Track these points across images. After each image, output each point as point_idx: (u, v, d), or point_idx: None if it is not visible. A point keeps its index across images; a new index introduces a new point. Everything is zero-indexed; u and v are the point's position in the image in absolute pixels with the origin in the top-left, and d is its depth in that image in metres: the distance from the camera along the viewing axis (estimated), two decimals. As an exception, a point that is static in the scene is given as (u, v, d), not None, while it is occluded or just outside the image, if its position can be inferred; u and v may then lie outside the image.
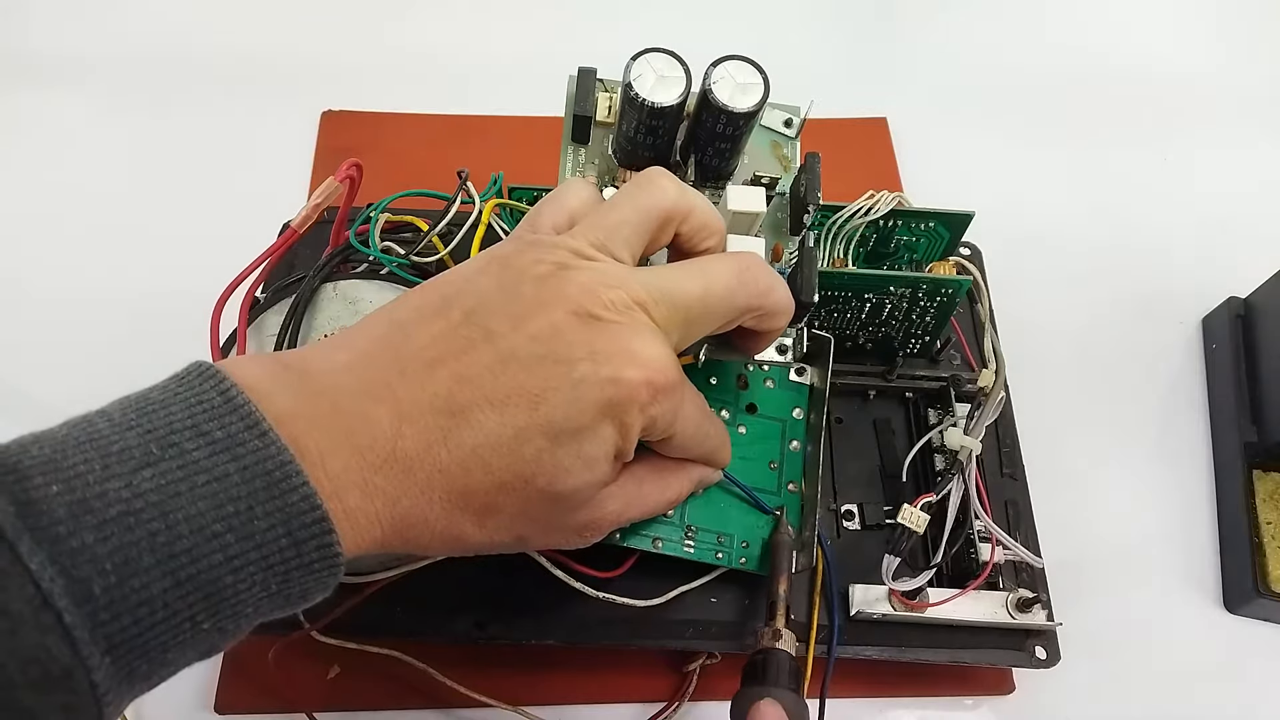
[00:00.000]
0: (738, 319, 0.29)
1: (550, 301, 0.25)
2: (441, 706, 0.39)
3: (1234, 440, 0.47)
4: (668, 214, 0.28)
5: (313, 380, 0.24)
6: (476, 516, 0.25)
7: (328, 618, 0.35)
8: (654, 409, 0.26)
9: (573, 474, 0.25)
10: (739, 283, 0.28)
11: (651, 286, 0.26)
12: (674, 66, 0.33)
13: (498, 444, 0.24)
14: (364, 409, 0.23)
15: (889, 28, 0.67)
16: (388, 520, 0.23)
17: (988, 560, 0.37)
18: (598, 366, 0.25)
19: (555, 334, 0.25)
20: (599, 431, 0.25)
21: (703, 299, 0.27)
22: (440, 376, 0.24)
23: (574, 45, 0.60)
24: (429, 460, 0.24)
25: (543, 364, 0.24)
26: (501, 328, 0.25)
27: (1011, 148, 0.60)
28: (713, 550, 0.36)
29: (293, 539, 0.21)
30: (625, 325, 0.25)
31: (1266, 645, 0.44)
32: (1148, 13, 0.68)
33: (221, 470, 0.20)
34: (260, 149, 0.57)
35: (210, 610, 0.20)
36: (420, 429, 0.23)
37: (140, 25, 0.62)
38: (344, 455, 0.22)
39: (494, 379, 0.24)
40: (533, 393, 0.24)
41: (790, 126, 0.38)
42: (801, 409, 0.39)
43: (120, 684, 0.20)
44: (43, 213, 0.54)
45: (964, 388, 0.42)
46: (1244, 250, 0.55)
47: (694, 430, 0.29)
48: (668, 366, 0.26)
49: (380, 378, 0.24)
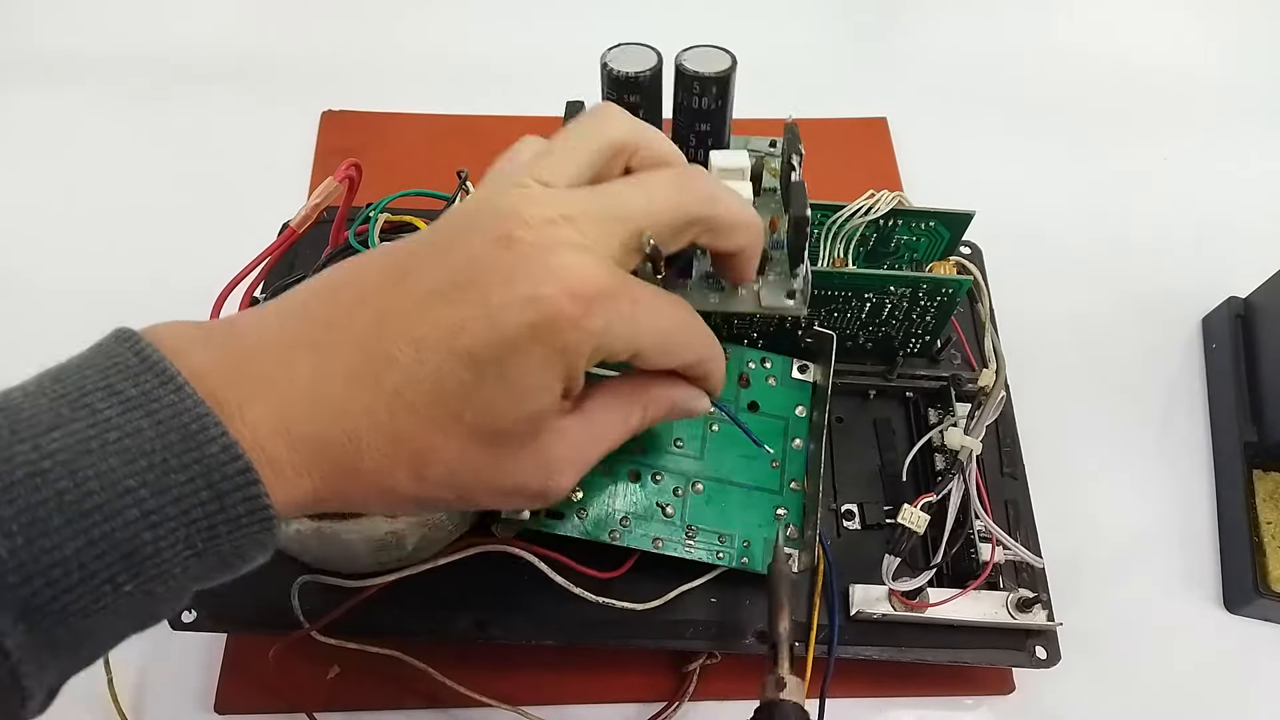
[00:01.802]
0: (688, 232, 0.27)
1: (471, 231, 0.24)
2: (441, 706, 0.39)
3: (1234, 440, 0.47)
4: (616, 145, 0.27)
5: (237, 337, 0.23)
6: (410, 465, 0.24)
7: (328, 618, 0.35)
8: (590, 322, 0.23)
9: (503, 407, 0.24)
10: (678, 190, 0.26)
11: (581, 201, 0.25)
12: (645, 52, 0.34)
13: (419, 381, 0.23)
14: (285, 358, 0.23)
15: (889, 28, 0.67)
16: (317, 470, 0.22)
17: (988, 560, 0.37)
18: (513, 288, 0.23)
19: (472, 263, 0.23)
20: (527, 358, 0.23)
21: (645, 208, 0.25)
22: (361, 320, 0.23)
23: (574, 46, 0.60)
24: (353, 404, 0.23)
25: (459, 295, 0.23)
26: (422, 266, 0.24)
27: (1012, 147, 0.60)
28: (714, 550, 0.36)
29: (214, 491, 0.20)
30: (543, 242, 0.23)
31: (1266, 645, 0.44)
32: (1148, 12, 0.68)
33: (134, 426, 0.20)
34: (260, 149, 0.57)
35: (131, 571, 0.20)
36: (342, 374, 0.23)
37: (140, 25, 0.62)
38: (264, 404, 0.22)
39: (413, 316, 0.23)
40: (450, 325, 0.23)
41: (775, 146, 0.38)
42: (804, 407, 0.39)
43: (40, 653, 0.19)
44: (42, 212, 0.54)
45: (964, 387, 0.42)
46: (1244, 250, 0.55)
47: (665, 339, 0.26)
48: (595, 274, 0.24)
49: (304, 328, 0.23)
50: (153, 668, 0.40)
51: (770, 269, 0.36)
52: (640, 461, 0.36)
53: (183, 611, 0.36)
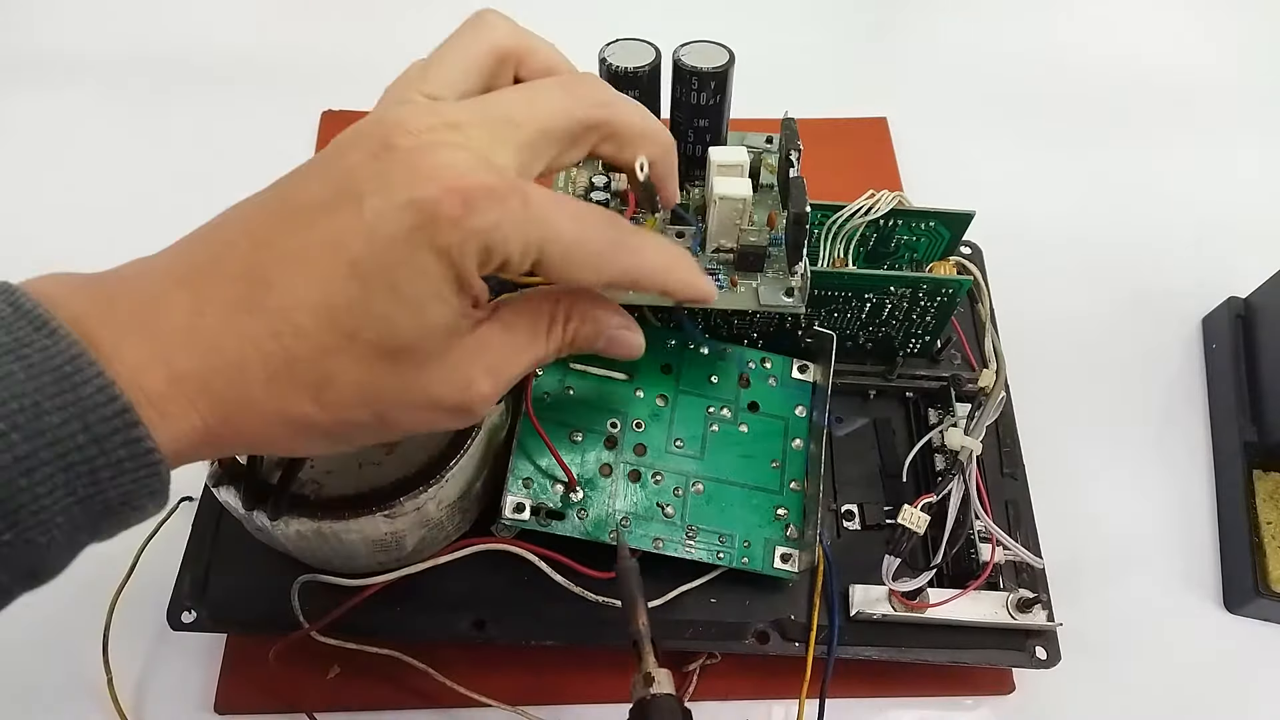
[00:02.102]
0: (585, 139, 0.26)
1: (352, 147, 0.23)
2: (441, 706, 0.39)
3: (1234, 440, 0.47)
4: (499, 52, 0.26)
5: (119, 282, 0.22)
6: (311, 391, 0.22)
7: (328, 618, 0.35)
8: (475, 220, 0.22)
9: (399, 320, 0.22)
10: (567, 94, 0.25)
11: (466, 109, 0.24)
12: (643, 47, 0.34)
13: (305, 301, 0.22)
14: (161, 296, 0.22)
15: (889, 28, 0.67)
16: (204, 406, 0.21)
17: (988, 560, 0.37)
18: (390, 192, 0.22)
19: (348, 174, 0.23)
20: (416, 265, 0.22)
21: (530, 112, 0.24)
22: (239, 249, 0.22)
23: (573, 46, 0.60)
24: (235, 332, 0.22)
25: (335, 207, 0.22)
26: (301, 186, 0.23)
27: (1012, 147, 0.60)
28: (714, 550, 0.36)
29: (91, 434, 0.20)
30: (422, 146, 0.22)
31: (1266, 645, 0.44)
32: (1148, 13, 0.68)
33: (4, 371, 0.19)
34: (260, 149, 0.57)
35: (8, 520, 0.19)
36: (220, 303, 0.22)
37: (140, 25, 0.62)
38: (141, 341, 0.21)
39: (291, 235, 0.22)
40: (330, 240, 0.22)
41: (772, 143, 0.38)
42: (804, 407, 0.39)
43: None
44: (42, 212, 0.54)
45: (964, 387, 0.42)
46: (1244, 250, 0.55)
47: (573, 244, 0.24)
48: (475, 171, 0.22)
49: (185, 264, 0.23)
50: (153, 668, 0.40)
51: (769, 266, 0.36)
52: (640, 462, 0.37)
53: (182, 611, 0.36)
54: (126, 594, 0.38)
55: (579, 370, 0.37)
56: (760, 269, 0.35)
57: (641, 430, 0.37)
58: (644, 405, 0.37)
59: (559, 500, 0.35)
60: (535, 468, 0.35)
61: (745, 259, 0.35)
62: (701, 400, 0.38)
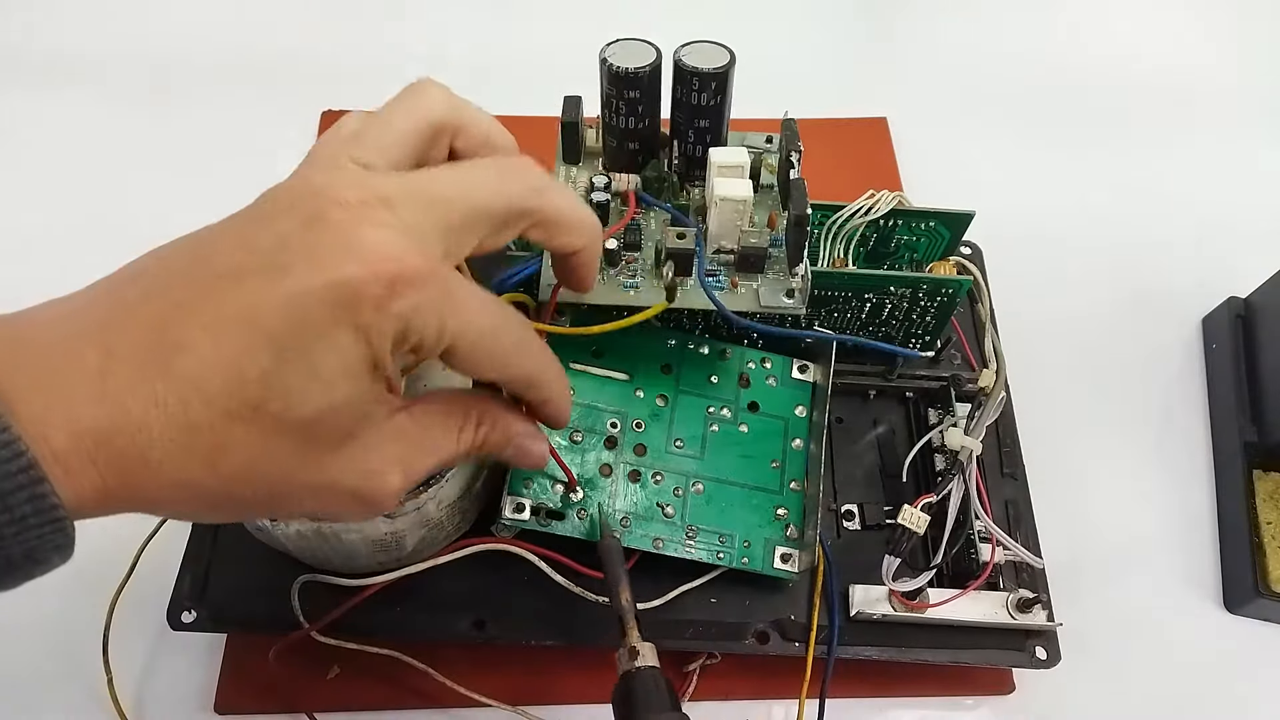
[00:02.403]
0: (515, 224, 0.26)
1: (281, 212, 0.23)
2: (441, 706, 0.39)
3: (1234, 440, 0.47)
4: (435, 124, 0.26)
5: (26, 326, 0.22)
6: (206, 458, 0.22)
7: (327, 618, 0.35)
8: (397, 304, 0.22)
9: (307, 395, 0.22)
10: (500, 178, 0.25)
11: (399, 184, 0.24)
12: (644, 47, 0.34)
13: (215, 368, 0.21)
14: (71, 349, 0.21)
15: (889, 28, 0.67)
16: (104, 462, 0.21)
17: (988, 561, 0.37)
18: (317, 268, 0.22)
19: (276, 243, 0.22)
20: (332, 341, 0.22)
21: (463, 193, 0.24)
22: (154, 308, 0.22)
23: (573, 46, 0.60)
24: (143, 393, 0.21)
25: (260, 275, 0.22)
26: (225, 247, 0.23)
27: (1012, 147, 0.60)
28: (714, 550, 0.36)
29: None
30: (352, 221, 0.22)
31: (1266, 645, 0.44)
32: (1148, 13, 0.68)
33: None
34: (260, 149, 0.57)
35: None
36: (130, 363, 0.21)
37: (140, 25, 0.62)
38: (47, 396, 0.21)
39: (209, 301, 0.22)
40: (248, 308, 0.22)
41: (772, 143, 0.38)
42: (805, 407, 0.39)
43: None
44: (42, 212, 0.54)
45: (964, 388, 0.42)
46: (1244, 250, 0.55)
47: (482, 339, 0.24)
48: (404, 254, 0.22)
49: (95, 319, 0.22)
50: (153, 668, 0.40)
51: (769, 267, 0.36)
52: (640, 462, 0.37)
53: (182, 611, 0.36)
54: (126, 594, 0.38)
55: (579, 370, 0.37)
56: (761, 270, 0.35)
57: (641, 430, 0.37)
58: (644, 405, 0.37)
59: (559, 500, 0.35)
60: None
61: (746, 260, 0.35)
62: (701, 400, 0.38)
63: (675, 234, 0.34)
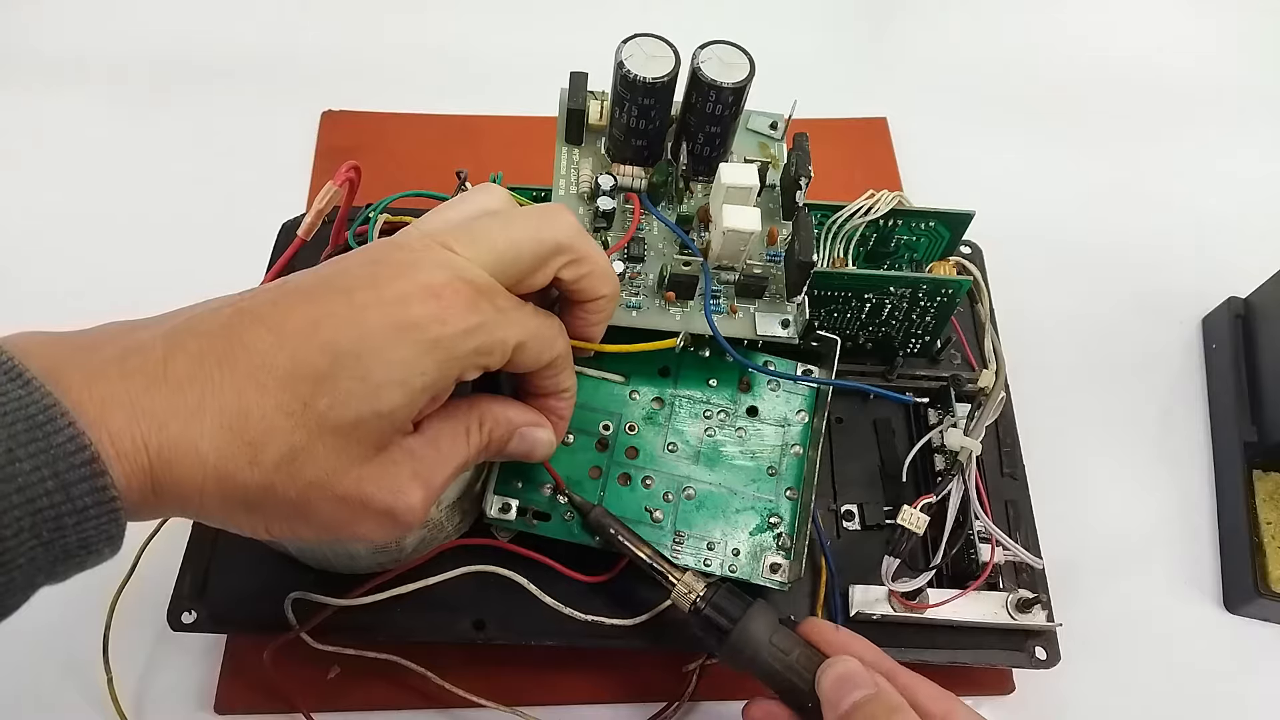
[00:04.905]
0: (553, 259, 0.28)
1: (349, 257, 0.26)
2: (441, 707, 0.39)
3: (1234, 440, 0.47)
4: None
5: (98, 333, 0.24)
6: (250, 447, 0.23)
7: (316, 619, 0.35)
8: (466, 320, 0.25)
9: (354, 399, 0.24)
10: (540, 221, 0.28)
11: (456, 226, 0.27)
12: (662, 48, 0.34)
13: (273, 366, 0.23)
14: (136, 338, 0.23)
15: (889, 28, 0.67)
16: (155, 446, 0.22)
17: (988, 561, 0.37)
18: (380, 290, 0.25)
19: (342, 270, 0.26)
20: (386, 356, 0.24)
21: (507, 234, 0.27)
22: (221, 313, 0.24)
23: (573, 46, 0.60)
24: (201, 379, 0.23)
25: (324, 292, 0.25)
26: (296, 279, 0.26)
27: (1012, 147, 0.60)
28: (701, 557, 0.36)
29: (60, 481, 0.20)
30: (415, 256, 0.26)
31: (1266, 645, 0.44)
32: (1149, 12, 0.68)
33: None
34: (260, 149, 0.57)
35: None
36: (194, 352, 0.23)
37: (140, 25, 0.62)
38: (111, 380, 0.22)
39: (273, 308, 0.24)
40: (311, 318, 0.24)
41: (776, 129, 0.39)
42: (806, 412, 0.38)
43: None
44: (42, 212, 0.54)
45: (964, 388, 0.42)
46: (1244, 250, 0.55)
47: (533, 337, 0.28)
48: (456, 278, 0.25)
49: (165, 323, 0.24)
50: (153, 668, 0.40)
51: (767, 288, 0.36)
52: (631, 465, 0.36)
53: (182, 612, 0.36)
54: (126, 594, 0.38)
55: (575, 371, 0.37)
56: (760, 296, 0.36)
57: (634, 433, 0.37)
58: (639, 408, 0.37)
59: (546, 502, 0.35)
60: (523, 468, 0.35)
61: (746, 289, 0.36)
62: (699, 404, 0.38)
63: (682, 261, 0.34)
